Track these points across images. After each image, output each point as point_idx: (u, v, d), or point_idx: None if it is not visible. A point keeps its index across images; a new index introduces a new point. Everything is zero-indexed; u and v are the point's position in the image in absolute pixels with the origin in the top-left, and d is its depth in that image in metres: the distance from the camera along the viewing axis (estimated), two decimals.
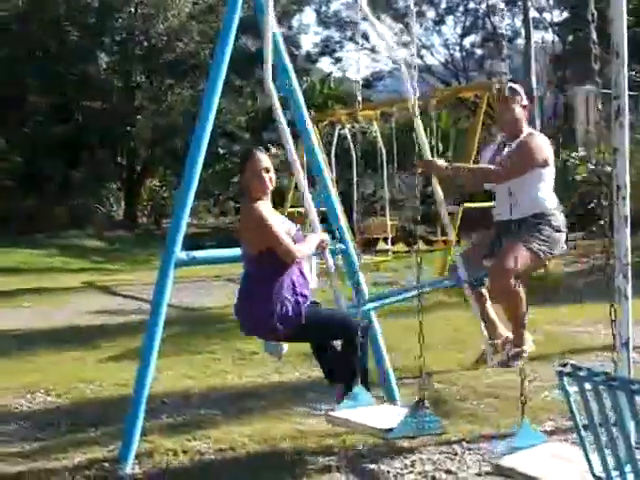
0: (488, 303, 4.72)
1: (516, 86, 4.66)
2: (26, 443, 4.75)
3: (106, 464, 4.26)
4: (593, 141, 17.79)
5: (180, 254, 4.32)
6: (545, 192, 4.53)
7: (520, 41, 19.89)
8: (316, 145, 4.96)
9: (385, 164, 13.17)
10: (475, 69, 31.06)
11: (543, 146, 4.50)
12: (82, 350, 7.53)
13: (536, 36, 22.03)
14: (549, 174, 4.53)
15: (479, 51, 32.11)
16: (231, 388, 5.98)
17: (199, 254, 4.57)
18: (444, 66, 31.54)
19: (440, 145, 13.03)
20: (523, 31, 19.00)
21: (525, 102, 4.64)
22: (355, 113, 12.97)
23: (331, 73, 30.79)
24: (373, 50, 33.13)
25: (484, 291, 4.70)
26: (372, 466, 4.06)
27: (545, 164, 4.48)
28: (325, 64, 36.80)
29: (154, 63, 25.11)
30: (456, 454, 4.15)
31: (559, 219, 4.54)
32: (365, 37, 32.88)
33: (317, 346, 4.39)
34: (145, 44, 24.73)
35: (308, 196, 4.57)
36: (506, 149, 4.55)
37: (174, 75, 25.55)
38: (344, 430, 4.64)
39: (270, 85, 4.37)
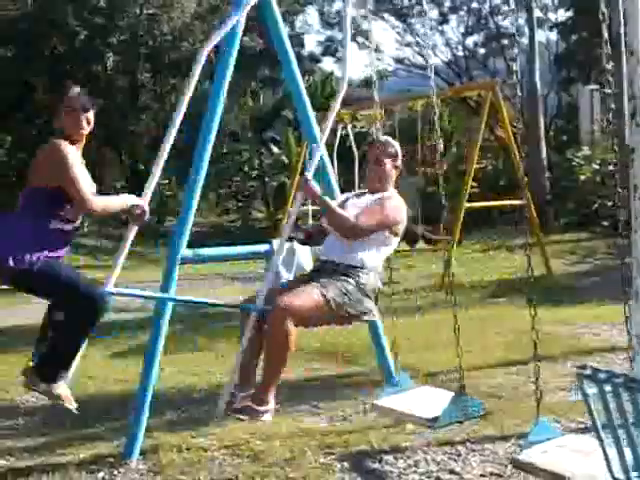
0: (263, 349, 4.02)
1: (395, 143, 4.40)
2: (31, 438, 4.80)
3: (111, 459, 4.29)
4: (598, 141, 17.83)
5: (185, 251, 4.34)
6: (374, 252, 4.15)
7: (524, 40, 19.84)
8: (320, 141, 4.96)
9: None
10: (478, 68, 30.99)
11: (401, 212, 4.22)
12: (87, 347, 7.45)
13: (540, 35, 22.00)
14: (392, 243, 4.24)
15: (482, 50, 32.07)
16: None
17: (204, 252, 4.59)
18: (447, 65, 31.50)
19: (441, 144, 12.99)
20: (527, 30, 18.97)
21: (399, 163, 4.38)
22: (357, 112, 13.01)
23: (332, 73, 30.77)
24: (376, 49, 33.12)
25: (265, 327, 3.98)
26: (375, 465, 4.07)
27: (396, 235, 4.21)
28: (328, 64, 36.68)
29: (159, 63, 25.16)
30: (460, 455, 4.16)
31: (369, 282, 4.07)
32: (366, 37, 32.96)
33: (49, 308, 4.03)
34: (150, 44, 24.77)
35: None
36: (364, 199, 4.31)
37: (179, 75, 25.59)
38: (346, 429, 4.68)
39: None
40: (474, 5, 30.70)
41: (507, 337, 6.98)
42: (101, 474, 4.13)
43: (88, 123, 3.97)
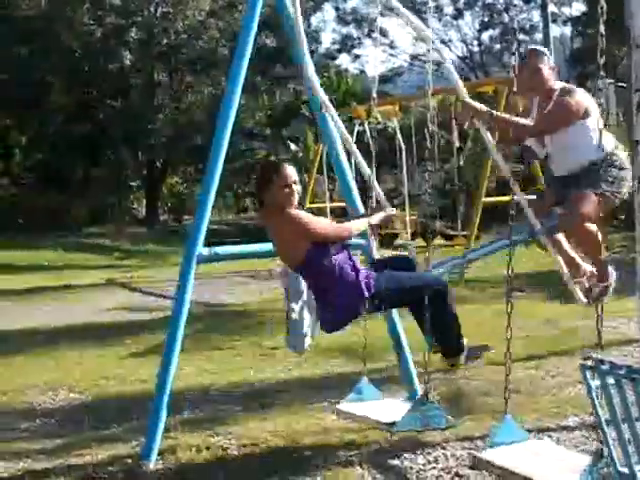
0: (565, 244, 4.73)
1: (541, 48, 4.69)
2: (49, 440, 4.78)
3: (129, 460, 4.27)
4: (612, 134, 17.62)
5: (202, 250, 4.32)
6: (596, 139, 4.46)
7: (538, 35, 19.74)
8: (336, 137, 4.93)
9: (404, 159, 13.13)
10: (493, 64, 30.86)
11: (580, 100, 4.47)
12: (104, 347, 7.57)
13: (555, 30, 21.85)
14: (592, 123, 4.46)
15: (497, 46, 31.93)
16: (252, 384, 5.99)
17: (221, 250, 4.56)
18: (462, 61, 31.38)
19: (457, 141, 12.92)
20: (541, 25, 18.84)
21: (552, 64, 4.64)
22: (373, 108, 12.95)
23: (347, 70, 30.72)
24: (391, 46, 33.07)
25: (559, 236, 4.73)
26: (395, 462, 4.04)
27: (586, 115, 4.46)
28: (344, 61, 36.73)
29: (174, 61, 25.23)
30: (479, 450, 4.11)
31: (620, 157, 4.51)
32: (383, 33, 32.88)
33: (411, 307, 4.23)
34: (165, 42, 24.84)
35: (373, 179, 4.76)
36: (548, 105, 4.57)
37: (194, 73, 25.65)
38: (366, 426, 4.64)
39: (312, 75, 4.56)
40: (489, 0, 30.52)
41: (527, 332, 6.92)
42: (119, 475, 4.11)
43: (298, 194, 4.07)
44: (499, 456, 3.24)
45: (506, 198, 12.14)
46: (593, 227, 4.50)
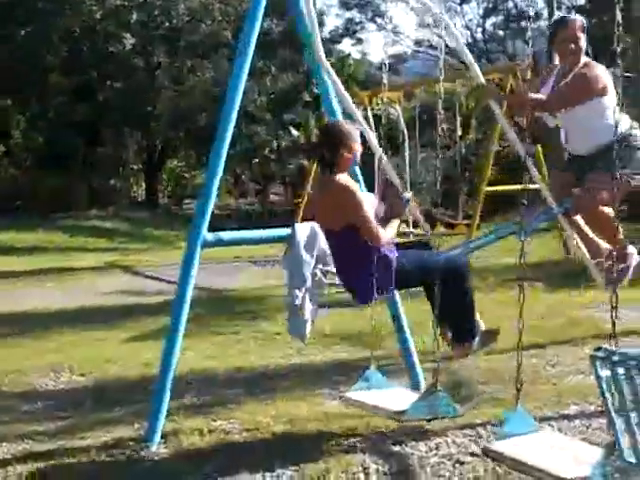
0: (583, 225, 4.71)
1: (581, 18, 4.68)
2: (52, 422, 4.80)
3: (132, 443, 4.28)
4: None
5: (207, 235, 4.31)
6: (612, 118, 4.35)
7: (543, 23, 19.65)
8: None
9: (407, 146, 13.11)
10: (497, 51, 30.76)
11: (601, 75, 4.48)
12: (106, 330, 7.59)
13: None
14: (611, 101, 4.47)
15: (501, 33, 31.79)
16: (254, 369, 6.01)
17: (225, 235, 4.56)
18: (466, 48, 31.24)
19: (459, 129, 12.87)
20: (546, 12, 18.75)
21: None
22: (377, 94, 12.92)
23: (349, 54, 30.57)
24: (394, 31, 32.91)
25: (577, 217, 4.71)
26: (397, 448, 4.05)
27: (604, 92, 4.46)
28: (346, 46, 36.56)
29: (176, 44, 25.09)
30: (481, 437, 4.14)
31: (638, 137, 4.53)
32: (387, 18, 32.74)
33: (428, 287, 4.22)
34: (167, 25, 24.70)
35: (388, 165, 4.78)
36: (567, 78, 4.56)
37: (196, 56, 25.51)
38: (368, 413, 4.66)
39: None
40: None
41: (528, 321, 6.91)
42: (122, 457, 4.13)
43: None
44: (510, 447, 3.23)
45: (509, 187, 12.13)
46: (609, 210, 4.49)
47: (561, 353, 5.91)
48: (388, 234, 4.13)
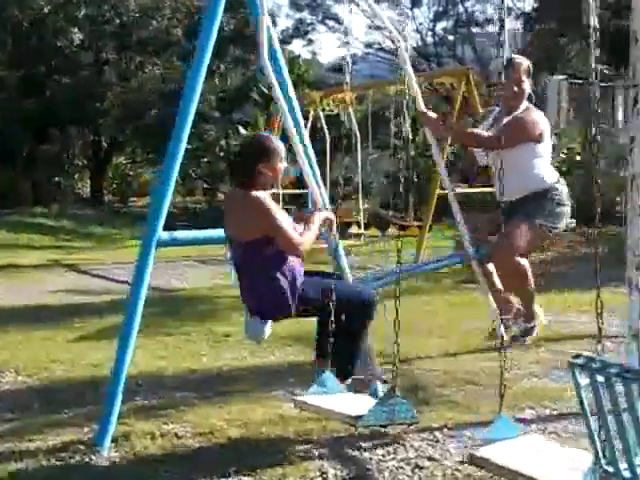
0: (496, 278, 4.61)
1: (525, 60, 4.64)
2: None
3: (82, 447, 4.15)
4: (563, 131, 17.93)
5: (162, 234, 4.21)
6: (543, 168, 4.52)
7: (491, 28, 19.93)
8: (300, 116, 4.83)
9: (359, 148, 13.13)
10: (447, 55, 31.04)
11: (539, 121, 4.49)
12: (52, 329, 7.39)
13: (508, 25, 21.95)
14: (545, 149, 4.51)
15: (451, 37, 32.10)
16: (207, 371, 5.89)
17: (180, 234, 4.48)
18: (416, 52, 31.47)
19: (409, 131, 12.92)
20: (495, 17, 19.01)
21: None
22: (329, 95, 12.92)
23: (299, 55, 30.51)
24: (345, 33, 32.92)
25: (490, 267, 4.61)
26: (354, 453, 4.00)
27: (539, 139, 4.46)
28: (296, 46, 36.52)
29: (125, 40, 24.72)
30: (438, 441, 4.12)
31: (561, 193, 4.50)
32: (337, 20, 32.79)
33: (321, 321, 4.17)
34: (117, 21, 24.32)
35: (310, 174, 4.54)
36: (504, 120, 4.50)
37: (145, 52, 25.17)
38: (324, 416, 4.61)
39: (267, 65, 4.39)
40: None
41: (485, 323, 6.96)
42: (72, 461, 3.99)
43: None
44: (495, 453, 3.22)
45: (465, 190, 12.15)
46: (524, 261, 4.40)
47: (517, 356, 5.93)
48: (307, 239, 3.96)
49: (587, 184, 11.17)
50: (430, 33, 31.80)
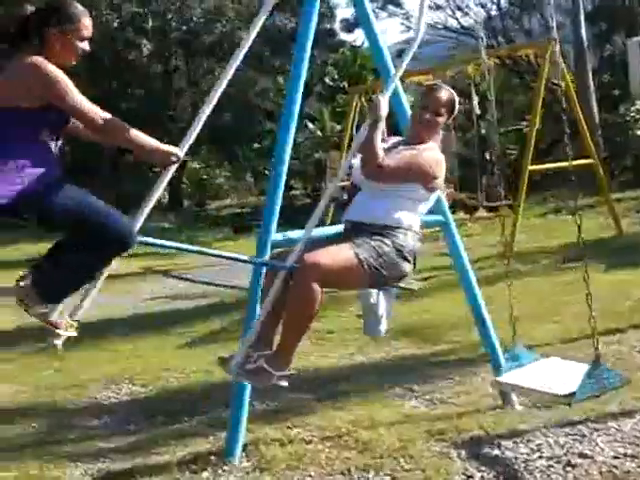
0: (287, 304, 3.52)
1: (454, 94, 3.86)
2: (123, 437, 4.61)
3: (212, 457, 4.07)
4: None
5: (275, 235, 4.11)
6: (410, 210, 3.70)
7: None
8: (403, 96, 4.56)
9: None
10: (515, 29, 30.20)
11: (437, 167, 3.71)
12: (159, 337, 7.40)
13: None
14: (428, 200, 3.79)
15: (517, 9, 31.22)
16: (316, 370, 5.77)
17: (293, 235, 4.35)
18: (482, 26, 30.74)
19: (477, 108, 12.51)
20: None
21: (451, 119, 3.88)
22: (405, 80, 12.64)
23: (363, 43, 30.29)
24: (407, 16, 32.48)
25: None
26: (495, 452, 3.79)
27: (431, 188, 3.73)
28: (359, 35, 36.13)
29: (192, 47, 24.96)
30: (584, 435, 3.87)
31: (407, 243, 3.61)
32: (398, 4, 32.33)
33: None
34: (183, 28, 24.59)
35: None
36: (401, 148, 3.82)
37: (212, 57, 25.38)
38: (451, 412, 4.43)
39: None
40: None
41: (595, 304, 6.64)
42: (205, 474, 3.91)
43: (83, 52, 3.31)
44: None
45: (555, 165, 11.66)
46: (318, 295, 3.35)
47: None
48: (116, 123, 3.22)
49: None
50: (495, 7, 31.00)
